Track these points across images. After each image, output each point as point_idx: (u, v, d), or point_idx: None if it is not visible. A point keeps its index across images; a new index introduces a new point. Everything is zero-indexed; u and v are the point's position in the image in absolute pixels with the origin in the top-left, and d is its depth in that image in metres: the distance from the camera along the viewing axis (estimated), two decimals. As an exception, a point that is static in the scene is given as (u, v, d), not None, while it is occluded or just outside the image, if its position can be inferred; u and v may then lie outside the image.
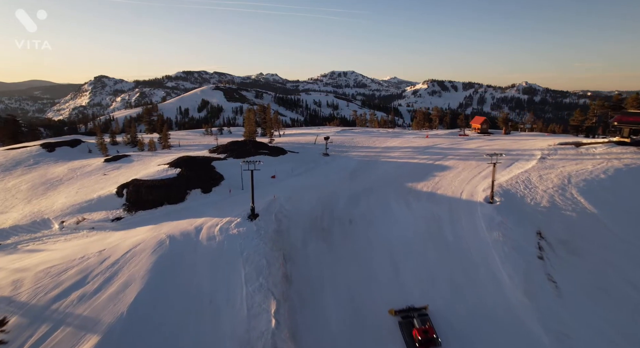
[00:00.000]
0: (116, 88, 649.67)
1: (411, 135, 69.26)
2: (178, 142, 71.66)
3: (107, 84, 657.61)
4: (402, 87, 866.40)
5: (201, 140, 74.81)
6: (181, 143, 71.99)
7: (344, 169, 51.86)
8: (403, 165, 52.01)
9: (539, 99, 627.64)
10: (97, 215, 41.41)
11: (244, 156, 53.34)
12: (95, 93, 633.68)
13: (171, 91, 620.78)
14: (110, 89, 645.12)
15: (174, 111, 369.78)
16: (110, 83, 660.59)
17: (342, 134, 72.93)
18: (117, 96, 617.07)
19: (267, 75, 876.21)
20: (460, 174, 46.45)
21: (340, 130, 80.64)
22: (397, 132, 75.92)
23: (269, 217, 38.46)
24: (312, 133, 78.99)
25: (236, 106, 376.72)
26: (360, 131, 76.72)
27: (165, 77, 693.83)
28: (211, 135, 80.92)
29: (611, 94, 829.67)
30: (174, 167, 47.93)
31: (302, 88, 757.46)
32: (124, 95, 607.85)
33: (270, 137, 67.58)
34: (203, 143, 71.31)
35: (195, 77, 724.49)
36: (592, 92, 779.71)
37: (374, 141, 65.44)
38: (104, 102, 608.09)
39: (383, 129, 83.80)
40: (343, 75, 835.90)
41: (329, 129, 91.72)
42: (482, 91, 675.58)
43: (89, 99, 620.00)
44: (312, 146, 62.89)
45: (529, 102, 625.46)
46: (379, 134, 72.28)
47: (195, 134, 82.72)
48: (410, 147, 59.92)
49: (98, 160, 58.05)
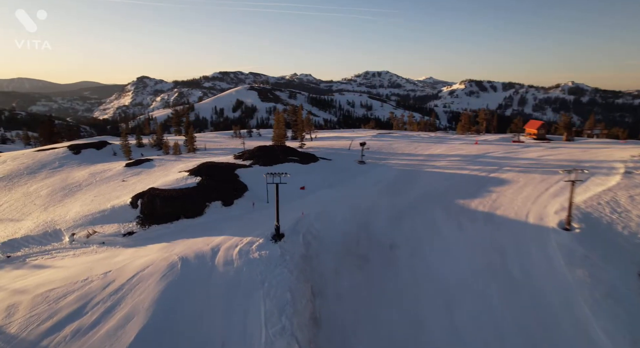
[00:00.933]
0: (156, 88, 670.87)
1: (457, 141, 61.94)
2: (204, 145, 68.03)
3: (148, 84, 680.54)
4: (437, 87, 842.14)
5: (228, 144, 70.89)
6: (207, 146, 68.29)
7: (382, 180, 45.71)
8: (451, 177, 45.17)
9: (587, 99, 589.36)
10: (109, 229, 37.67)
11: (271, 163, 48.44)
12: (137, 93, 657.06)
13: (208, 91, 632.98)
14: (151, 89, 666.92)
15: (210, 111, 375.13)
16: (150, 83, 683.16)
17: (379, 139, 66.68)
18: (157, 96, 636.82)
19: (300, 75, 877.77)
20: (522, 190, 39.15)
21: (377, 134, 74.33)
22: (441, 137, 68.70)
23: (295, 238, 33.07)
24: (346, 137, 73.14)
25: (270, 106, 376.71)
26: (399, 135, 70.11)
27: (203, 78, 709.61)
28: (239, 138, 77.02)
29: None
30: (194, 175, 43.67)
31: (335, 88, 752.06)
32: (164, 95, 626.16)
33: (301, 141, 62.49)
34: (230, 146, 67.29)
35: (231, 77, 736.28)
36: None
37: (415, 147, 58.69)
38: (145, 101, 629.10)
39: (424, 133, 76.65)
40: (377, 75, 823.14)
41: (364, 132, 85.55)
42: (523, 91, 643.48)
43: (131, 98, 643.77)
44: (347, 152, 57.16)
45: (575, 103, 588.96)
46: (420, 139, 65.35)
47: (224, 136, 79.02)
48: (457, 155, 52.76)
49: (120, 164, 55.05)
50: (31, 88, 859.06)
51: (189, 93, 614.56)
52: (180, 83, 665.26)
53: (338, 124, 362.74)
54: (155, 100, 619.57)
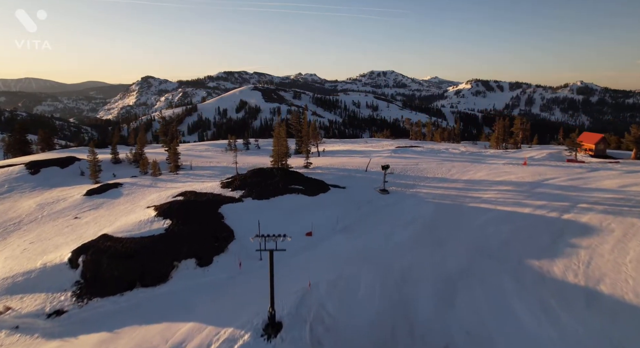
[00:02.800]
0: (161, 88, 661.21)
1: (497, 160, 49.33)
2: (190, 162, 56.05)
3: (152, 84, 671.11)
4: (443, 87, 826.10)
5: (220, 160, 58.63)
6: (194, 163, 56.34)
7: (415, 220, 33.47)
8: (509, 219, 32.82)
9: (596, 99, 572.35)
10: (31, 303, 25.85)
11: (267, 195, 36.44)
12: (142, 93, 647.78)
13: (212, 91, 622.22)
14: (156, 89, 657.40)
15: (213, 112, 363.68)
16: (155, 83, 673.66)
17: (401, 155, 54.42)
18: (161, 96, 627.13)
19: (305, 75, 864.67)
20: (625, 246, 26.67)
21: (396, 147, 61.92)
22: (475, 153, 56.12)
23: (299, 331, 20.94)
24: (360, 151, 61.02)
25: (274, 107, 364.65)
26: (424, 150, 57.51)
27: (207, 78, 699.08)
28: (233, 152, 64.94)
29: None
30: (163, 217, 31.80)
31: (340, 88, 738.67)
32: (168, 95, 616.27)
33: (307, 159, 50.42)
34: (221, 164, 55.19)
35: (235, 77, 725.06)
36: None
37: (449, 169, 46.05)
38: (149, 101, 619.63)
39: (452, 147, 64.21)
40: (382, 75, 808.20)
41: (379, 143, 73.38)
42: (530, 91, 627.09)
43: (135, 98, 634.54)
44: (363, 174, 45.11)
45: (584, 103, 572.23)
46: (452, 157, 52.75)
47: (216, 149, 66.58)
48: (506, 182, 40.40)
49: (80, 190, 43.18)
50: (38, 88, 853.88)
51: (193, 93, 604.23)
52: (185, 83, 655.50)
53: (344, 125, 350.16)
54: (159, 100, 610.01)
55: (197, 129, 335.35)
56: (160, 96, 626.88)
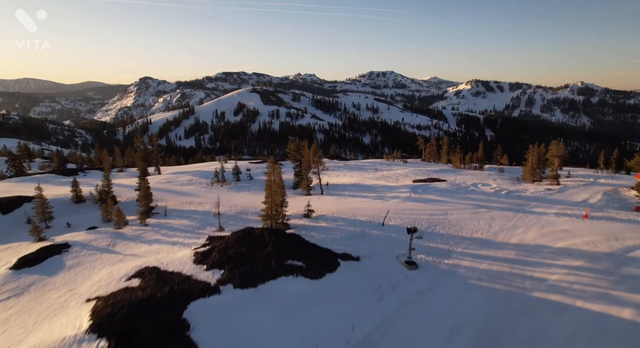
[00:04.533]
0: (159, 89, 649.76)
1: (548, 208, 38.00)
2: (165, 204, 45.41)
3: (150, 84, 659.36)
4: (442, 87, 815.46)
5: (202, 199, 46.63)
6: (171, 205, 45.70)
7: (462, 327, 22.68)
8: (603, 328, 22.05)
9: (597, 100, 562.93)
10: None
11: (255, 280, 25.91)
12: (140, 94, 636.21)
13: (211, 92, 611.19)
14: (154, 90, 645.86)
15: (210, 114, 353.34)
16: (153, 84, 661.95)
17: (422, 196, 42.97)
18: (159, 97, 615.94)
19: (304, 75, 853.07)
20: None
21: (414, 182, 50.82)
22: (514, 193, 45.14)
23: None
24: (371, 186, 50.08)
25: (272, 109, 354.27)
26: (450, 188, 45.96)
27: (206, 78, 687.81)
28: (220, 185, 54.31)
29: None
30: (96, 335, 21.42)
31: (339, 88, 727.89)
32: (166, 96, 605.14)
33: (308, 206, 39.67)
34: (202, 206, 43.48)
35: (234, 78, 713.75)
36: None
37: (488, 223, 34.71)
38: (147, 102, 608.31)
39: (480, 178, 53.66)
40: (382, 76, 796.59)
41: (392, 170, 62.68)
42: (530, 92, 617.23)
43: (133, 99, 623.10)
44: (380, 232, 34.55)
45: (584, 104, 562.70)
46: (486, 199, 41.16)
47: (201, 180, 54.56)
48: (574, 250, 29.25)
49: (7, 259, 32.54)
50: (36, 88, 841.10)
51: (191, 94, 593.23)
52: (183, 84, 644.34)
53: (344, 128, 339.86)
54: (157, 101, 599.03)
55: (194, 132, 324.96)
56: (159, 97, 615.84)
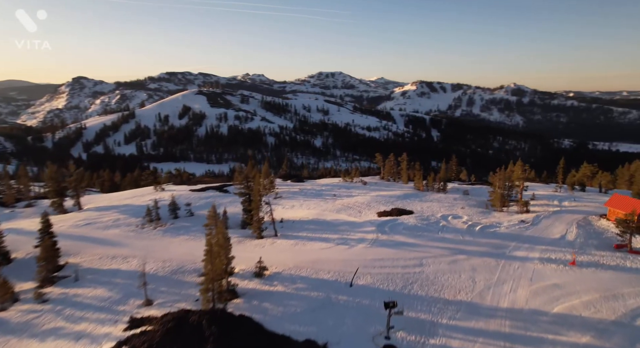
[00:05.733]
0: (95, 90, 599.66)
1: (530, 251, 33.75)
2: (77, 264, 35.60)
3: (86, 85, 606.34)
4: (389, 87, 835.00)
5: (128, 251, 35.88)
6: (87, 263, 35.92)
7: None
8: None
9: (528, 100, 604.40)
10: None
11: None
12: (73, 95, 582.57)
13: (154, 93, 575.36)
14: (89, 91, 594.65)
15: (153, 118, 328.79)
16: (89, 84, 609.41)
17: (391, 238, 36.01)
18: (96, 98, 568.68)
19: (253, 75, 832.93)
20: None
21: (379, 215, 45.00)
22: (488, 228, 40.88)
23: None
24: (332, 223, 43.75)
25: (220, 112, 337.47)
26: (419, 224, 40.66)
27: (148, 79, 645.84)
28: (156, 227, 45.04)
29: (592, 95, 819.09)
30: None
31: (289, 89, 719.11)
32: (104, 98, 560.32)
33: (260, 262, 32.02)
34: (127, 262, 34.29)
35: (179, 78, 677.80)
36: (574, 93, 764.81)
37: (470, 278, 29.34)
38: (82, 104, 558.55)
39: (448, 207, 49.16)
40: (331, 76, 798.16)
41: (351, 197, 56.87)
42: (470, 92, 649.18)
43: (66, 101, 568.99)
44: (349, 296, 28.10)
45: (517, 104, 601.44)
46: (460, 239, 36.80)
47: (130, 219, 43.88)
48: (575, 318, 23.85)
49: None
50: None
51: (132, 95, 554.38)
52: (123, 84, 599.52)
53: (294, 131, 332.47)
54: (94, 103, 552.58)
55: (135, 138, 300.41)
56: (95, 99, 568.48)
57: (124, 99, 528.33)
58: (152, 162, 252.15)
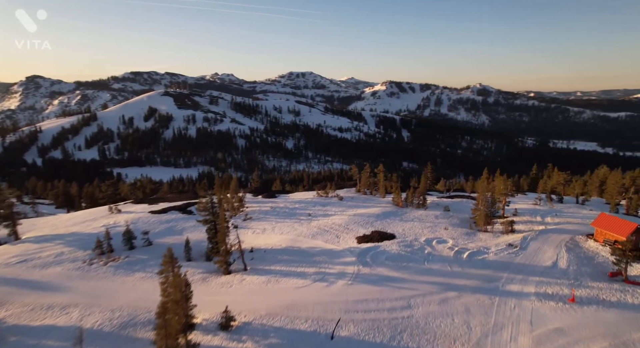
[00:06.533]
0: (53, 89, 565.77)
1: (524, 284, 29.87)
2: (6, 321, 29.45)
3: (42, 84, 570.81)
4: (360, 87, 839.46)
5: (75, 292, 30.46)
6: (12, 318, 29.98)
7: None
8: None
9: (492, 100, 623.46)
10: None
11: None
12: (28, 95, 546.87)
13: (118, 93, 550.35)
14: (46, 91, 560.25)
15: (116, 121, 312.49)
16: (45, 84, 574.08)
17: (375, 271, 31.70)
18: (54, 99, 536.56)
19: (222, 75, 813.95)
20: None
21: (359, 248, 40.80)
22: (476, 257, 38.00)
23: None
24: (307, 252, 39.47)
25: (188, 114, 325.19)
26: (404, 252, 36.43)
27: (111, 78, 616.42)
28: (104, 263, 39.24)
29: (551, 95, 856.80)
30: None
31: (259, 89, 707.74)
32: (63, 98, 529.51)
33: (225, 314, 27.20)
34: (66, 321, 28.65)
35: (144, 78, 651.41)
36: (535, 93, 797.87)
37: (464, 319, 25.73)
38: (38, 105, 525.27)
39: (431, 227, 46.02)
40: (301, 76, 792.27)
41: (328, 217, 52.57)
42: (438, 92, 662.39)
43: (19, 101, 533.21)
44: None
45: (483, 104, 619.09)
46: (449, 271, 32.31)
47: (77, 253, 38.19)
48: None
49: None
50: None
51: (94, 96, 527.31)
52: (84, 84, 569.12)
53: (265, 133, 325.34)
54: (51, 103, 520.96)
55: (97, 142, 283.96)
56: (53, 99, 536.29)
57: (85, 100, 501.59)
58: (116, 167, 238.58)
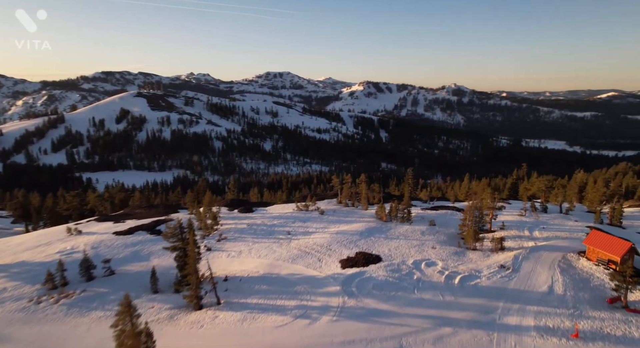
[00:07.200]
0: (16, 89, 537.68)
1: (523, 315, 28.28)
2: None
3: (3, 84, 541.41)
4: (337, 87, 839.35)
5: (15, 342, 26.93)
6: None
7: None
8: None
9: (467, 100, 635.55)
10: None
11: None
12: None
13: (88, 94, 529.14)
14: (9, 91, 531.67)
15: (86, 123, 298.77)
16: (8, 83, 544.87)
17: (360, 304, 30.73)
18: (17, 99, 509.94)
19: (198, 75, 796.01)
20: None
21: (344, 274, 37.44)
22: (468, 280, 35.72)
23: None
24: (286, 280, 35.75)
25: (162, 116, 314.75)
26: (391, 279, 32.32)
27: (81, 78, 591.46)
28: (55, 301, 34.56)
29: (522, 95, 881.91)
30: None
31: (236, 89, 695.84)
32: (27, 98, 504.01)
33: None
34: None
35: (116, 78, 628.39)
36: (507, 93, 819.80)
37: None
38: (0, 106, 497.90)
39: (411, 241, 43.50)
40: (279, 76, 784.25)
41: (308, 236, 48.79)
42: (415, 93, 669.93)
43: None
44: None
45: (458, 104, 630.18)
46: (441, 301, 29.28)
47: (22, 290, 33.75)
48: None
49: None
50: None
51: (62, 96, 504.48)
52: (51, 84, 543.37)
53: (243, 134, 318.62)
54: (15, 104, 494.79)
55: (65, 145, 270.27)
56: (16, 99, 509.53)
57: (52, 101, 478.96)
58: (86, 172, 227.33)
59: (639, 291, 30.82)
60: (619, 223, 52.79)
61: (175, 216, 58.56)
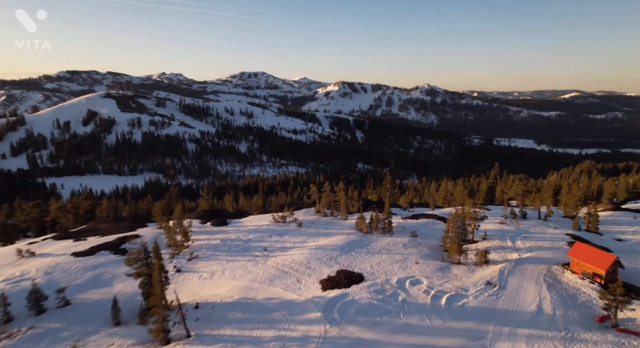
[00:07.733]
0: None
1: (514, 342, 27.48)
2: None
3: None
4: (313, 88, 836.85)
5: None
6: None
7: None
8: None
9: (440, 100, 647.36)
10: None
11: None
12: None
13: (52, 94, 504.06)
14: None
15: (50, 125, 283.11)
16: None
17: (343, 333, 28.42)
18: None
19: (170, 75, 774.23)
20: None
21: (325, 298, 34.53)
22: (455, 300, 34.30)
23: None
24: (264, 305, 33.38)
25: (133, 117, 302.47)
26: (375, 303, 32.19)
27: (44, 77, 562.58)
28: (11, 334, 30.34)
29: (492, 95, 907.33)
30: None
31: (210, 89, 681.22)
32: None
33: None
34: None
35: (83, 77, 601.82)
36: (478, 93, 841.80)
37: None
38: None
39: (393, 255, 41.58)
40: (254, 77, 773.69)
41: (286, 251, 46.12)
42: (389, 93, 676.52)
43: None
44: None
45: (431, 104, 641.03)
46: (429, 327, 28.85)
47: None
48: None
49: None
50: None
51: (23, 96, 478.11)
52: (10, 83, 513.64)
53: (217, 136, 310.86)
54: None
55: (26, 149, 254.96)
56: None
57: (11, 101, 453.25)
58: (51, 177, 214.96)
59: (628, 310, 29.81)
60: (596, 229, 52.81)
61: (142, 231, 54.43)
